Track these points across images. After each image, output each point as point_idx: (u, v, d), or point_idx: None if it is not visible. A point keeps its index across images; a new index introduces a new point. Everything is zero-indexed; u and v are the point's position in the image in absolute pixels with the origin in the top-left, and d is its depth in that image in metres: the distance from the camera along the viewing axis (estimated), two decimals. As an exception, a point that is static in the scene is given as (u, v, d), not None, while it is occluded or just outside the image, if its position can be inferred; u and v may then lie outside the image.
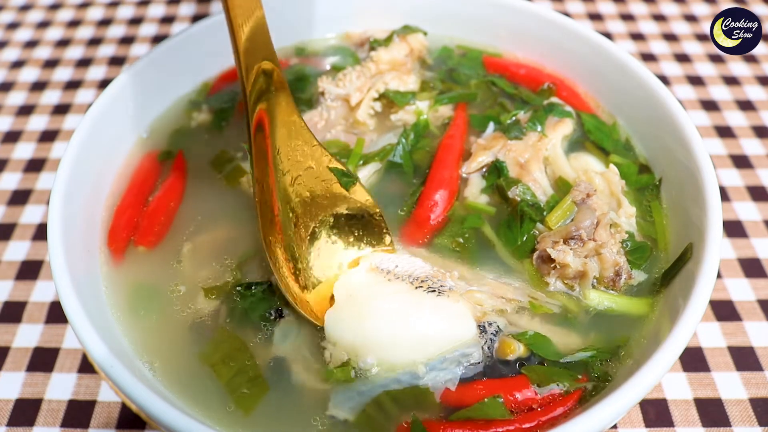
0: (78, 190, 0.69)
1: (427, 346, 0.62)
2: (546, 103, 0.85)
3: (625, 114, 0.83)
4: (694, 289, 0.58)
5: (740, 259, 0.92)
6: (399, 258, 0.68)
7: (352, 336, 0.62)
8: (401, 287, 0.64)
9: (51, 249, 0.62)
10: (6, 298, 0.89)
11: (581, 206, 0.70)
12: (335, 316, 0.64)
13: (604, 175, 0.75)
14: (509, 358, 0.63)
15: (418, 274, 0.66)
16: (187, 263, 0.71)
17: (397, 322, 0.62)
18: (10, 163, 1.07)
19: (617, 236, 0.69)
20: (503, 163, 0.76)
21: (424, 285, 0.65)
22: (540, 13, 0.89)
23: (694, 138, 0.71)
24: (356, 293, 0.65)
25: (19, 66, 1.25)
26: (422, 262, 0.68)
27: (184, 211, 0.76)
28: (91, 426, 0.76)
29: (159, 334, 0.66)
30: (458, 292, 0.65)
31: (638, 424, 0.76)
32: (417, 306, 0.63)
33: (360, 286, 0.66)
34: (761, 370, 0.81)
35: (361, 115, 0.84)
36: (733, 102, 1.17)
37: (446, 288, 0.65)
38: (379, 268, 0.66)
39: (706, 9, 1.38)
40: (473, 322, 0.64)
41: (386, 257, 0.68)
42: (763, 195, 1.01)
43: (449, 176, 0.77)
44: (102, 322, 0.62)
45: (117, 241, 0.72)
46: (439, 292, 0.64)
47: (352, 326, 0.63)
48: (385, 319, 0.62)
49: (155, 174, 0.79)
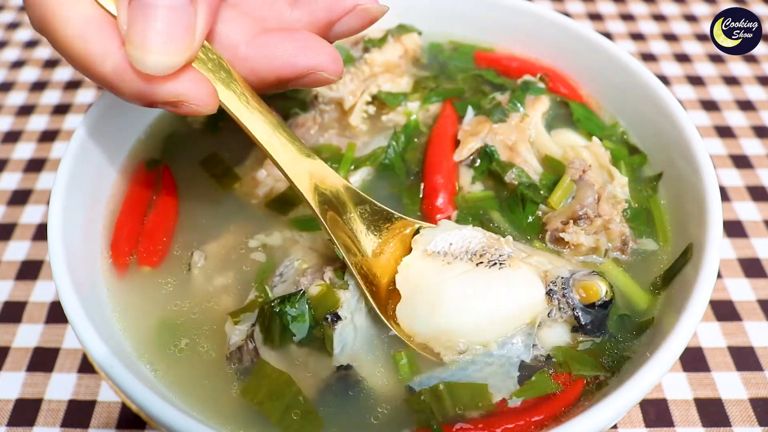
0: (78, 190, 0.69)
1: (504, 321, 0.60)
2: (520, 82, 0.85)
3: (625, 114, 0.83)
4: (694, 289, 0.58)
5: (740, 259, 0.92)
6: (448, 234, 0.64)
7: (426, 327, 0.61)
8: (463, 267, 0.61)
9: (51, 249, 0.62)
10: (6, 298, 0.89)
11: (580, 183, 0.71)
12: (406, 310, 0.62)
13: (590, 148, 0.76)
14: (597, 301, 0.61)
15: (474, 247, 0.63)
16: (201, 277, 0.68)
17: (469, 306, 0.60)
18: (10, 163, 1.07)
19: (618, 207, 0.70)
20: (493, 148, 0.77)
21: (484, 259, 0.62)
22: (540, 13, 0.89)
23: (694, 138, 0.71)
24: (420, 284, 0.62)
25: (19, 66, 1.25)
26: (471, 231, 0.65)
27: (185, 223, 0.74)
28: (91, 426, 0.76)
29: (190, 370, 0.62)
30: (517, 257, 0.63)
31: (638, 424, 0.76)
32: (485, 285, 0.60)
33: (421, 276, 0.62)
34: (761, 370, 0.81)
35: (354, 119, 0.83)
36: (733, 102, 1.17)
37: (505, 256, 0.62)
38: (435, 252, 0.63)
39: (706, 9, 1.38)
40: (540, 285, 0.61)
41: (436, 237, 0.64)
42: (763, 195, 1.01)
43: (446, 164, 0.77)
44: (102, 322, 0.62)
45: (120, 255, 0.70)
46: (500, 264, 0.61)
47: (425, 318, 0.61)
48: (456, 305, 0.60)
49: (151, 183, 0.78)
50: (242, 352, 0.61)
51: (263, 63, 0.55)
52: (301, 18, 0.58)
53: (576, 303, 0.61)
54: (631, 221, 0.72)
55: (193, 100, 0.51)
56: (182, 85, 0.51)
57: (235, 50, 0.55)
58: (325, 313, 0.60)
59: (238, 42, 0.55)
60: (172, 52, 0.49)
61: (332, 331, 0.60)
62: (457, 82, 0.90)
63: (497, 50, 0.94)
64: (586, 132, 0.82)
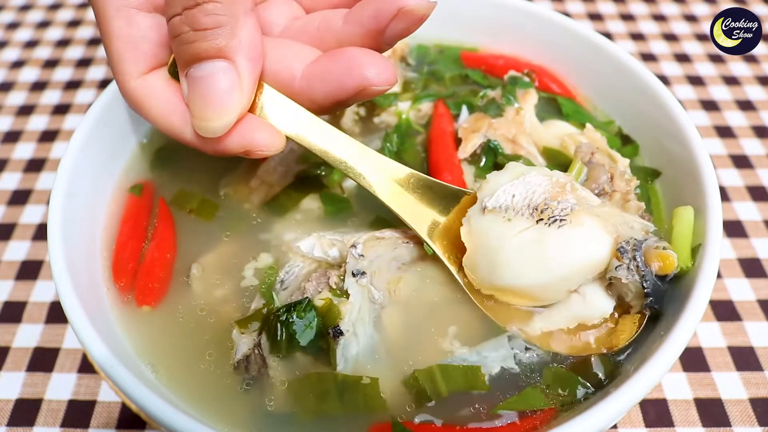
0: (79, 190, 0.69)
1: (567, 279, 0.61)
2: (507, 77, 0.86)
3: (625, 114, 0.83)
4: (695, 289, 0.58)
5: (740, 259, 0.92)
6: (511, 185, 0.63)
7: (489, 283, 0.63)
8: (522, 224, 0.60)
9: (51, 249, 0.62)
10: (6, 298, 0.89)
11: (590, 165, 0.71)
12: (470, 265, 0.63)
13: (586, 134, 0.77)
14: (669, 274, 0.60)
15: (537, 199, 0.61)
16: (201, 286, 0.68)
17: (527, 268, 0.60)
18: (10, 163, 1.07)
19: (632, 184, 0.70)
20: (496, 142, 0.77)
21: (545, 216, 0.60)
22: (539, 13, 0.89)
23: (694, 138, 0.71)
24: (480, 241, 0.62)
25: (19, 66, 1.25)
26: (536, 176, 0.63)
27: (182, 239, 0.73)
28: (91, 426, 0.76)
29: (192, 373, 0.62)
30: (582, 209, 0.61)
31: (638, 424, 0.76)
32: (543, 247, 0.59)
33: (482, 233, 0.62)
34: (761, 370, 0.81)
35: (345, 122, 0.83)
36: (733, 102, 1.17)
37: (568, 209, 0.60)
38: (496, 207, 0.62)
39: (706, 9, 1.38)
40: (607, 241, 0.60)
41: (498, 189, 0.63)
42: (763, 195, 1.01)
43: (452, 162, 0.77)
44: (102, 322, 0.62)
45: (123, 277, 0.69)
46: (561, 220, 0.60)
47: (487, 276, 0.62)
48: (514, 267, 0.60)
49: (148, 206, 0.76)
50: (249, 361, 0.61)
51: (317, 92, 0.58)
52: (353, 32, 0.59)
53: (644, 268, 0.59)
54: (640, 198, 0.72)
55: (258, 146, 0.57)
56: (245, 137, 0.57)
57: (290, 86, 0.59)
58: (327, 326, 0.60)
59: (292, 77, 0.58)
60: (220, 116, 0.55)
61: (336, 345, 0.60)
62: (446, 83, 0.90)
63: (482, 50, 0.95)
64: (576, 123, 0.83)
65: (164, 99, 0.58)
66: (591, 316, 0.63)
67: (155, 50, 0.59)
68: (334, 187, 0.76)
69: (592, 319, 0.63)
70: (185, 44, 0.53)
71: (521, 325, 0.63)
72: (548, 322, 0.63)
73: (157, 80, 0.59)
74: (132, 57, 0.58)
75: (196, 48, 0.53)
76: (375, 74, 0.56)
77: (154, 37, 0.58)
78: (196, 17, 0.51)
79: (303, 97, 0.59)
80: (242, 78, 0.55)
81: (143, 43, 0.58)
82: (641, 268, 0.59)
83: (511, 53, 0.93)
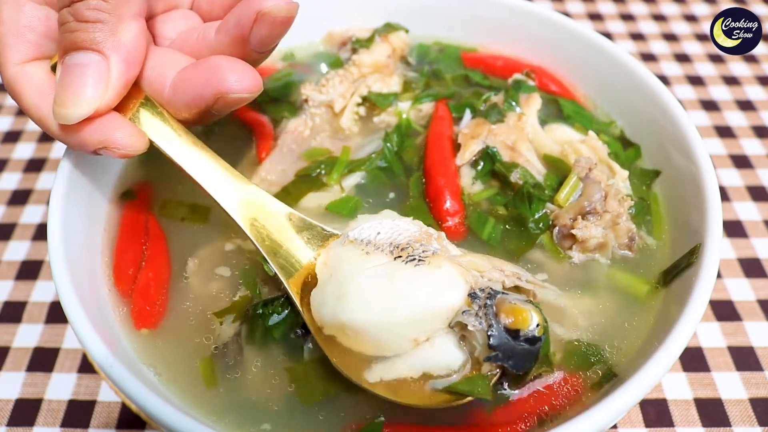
0: (79, 189, 0.69)
1: (411, 323, 0.55)
2: (511, 81, 0.86)
3: (625, 114, 0.83)
4: (694, 289, 0.58)
5: (740, 259, 0.92)
6: (380, 223, 0.61)
7: (332, 319, 0.57)
8: (379, 259, 0.58)
9: (51, 249, 0.62)
10: (6, 298, 0.89)
11: (586, 181, 0.71)
12: (318, 297, 0.59)
13: (587, 143, 0.77)
14: (523, 332, 0.54)
15: (401, 240, 0.59)
16: (197, 281, 0.68)
17: (372, 303, 0.55)
18: (10, 163, 1.07)
19: (625, 204, 0.70)
20: (495, 149, 0.77)
21: (404, 254, 0.57)
22: (539, 13, 0.89)
23: (694, 138, 0.71)
24: (333, 272, 0.59)
25: (19, 66, 1.25)
26: (407, 223, 0.61)
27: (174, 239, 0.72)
28: (91, 426, 0.76)
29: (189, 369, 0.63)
30: (443, 255, 0.58)
31: (638, 424, 0.76)
32: (392, 282, 0.56)
33: (337, 263, 0.59)
34: (761, 370, 0.81)
35: (345, 122, 0.83)
36: (733, 102, 1.17)
37: (429, 252, 0.57)
38: (358, 240, 0.60)
39: (706, 9, 1.38)
40: (462, 287, 0.56)
41: (369, 224, 0.61)
42: (763, 195, 1.01)
43: (447, 167, 0.76)
44: (102, 322, 0.62)
45: (124, 283, 0.69)
46: (419, 260, 0.57)
47: (332, 308, 0.57)
48: (359, 301, 0.56)
49: (148, 206, 0.76)
50: (228, 348, 0.63)
51: (180, 100, 0.59)
52: (222, 41, 0.60)
53: (493, 319, 0.54)
54: (634, 218, 0.72)
55: (117, 144, 0.58)
56: (105, 133, 0.57)
57: (161, 93, 0.59)
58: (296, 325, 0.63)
59: (164, 85, 0.59)
60: (79, 104, 0.55)
61: (303, 344, 0.62)
62: (447, 83, 0.90)
63: (481, 50, 0.95)
64: (579, 127, 0.82)
65: (38, 89, 0.58)
66: (437, 367, 0.56)
67: (39, 41, 0.59)
68: (333, 185, 0.76)
69: (438, 370, 0.56)
70: (67, 33, 0.55)
71: (360, 370, 0.57)
72: (390, 369, 0.57)
73: (37, 70, 0.59)
74: (14, 43, 0.58)
75: (75, 37, 0.54)
76: (234, 81, 0.56)
77: (40, 28, 0.59)
78: (80, 10, 0.54)
79: (171, 105, 0.59)
80: (111, 75, 0.55)
81: (28, 32, 0.59)
82: (489, 317, 0.54)
83: (510, 53, 0.93)
